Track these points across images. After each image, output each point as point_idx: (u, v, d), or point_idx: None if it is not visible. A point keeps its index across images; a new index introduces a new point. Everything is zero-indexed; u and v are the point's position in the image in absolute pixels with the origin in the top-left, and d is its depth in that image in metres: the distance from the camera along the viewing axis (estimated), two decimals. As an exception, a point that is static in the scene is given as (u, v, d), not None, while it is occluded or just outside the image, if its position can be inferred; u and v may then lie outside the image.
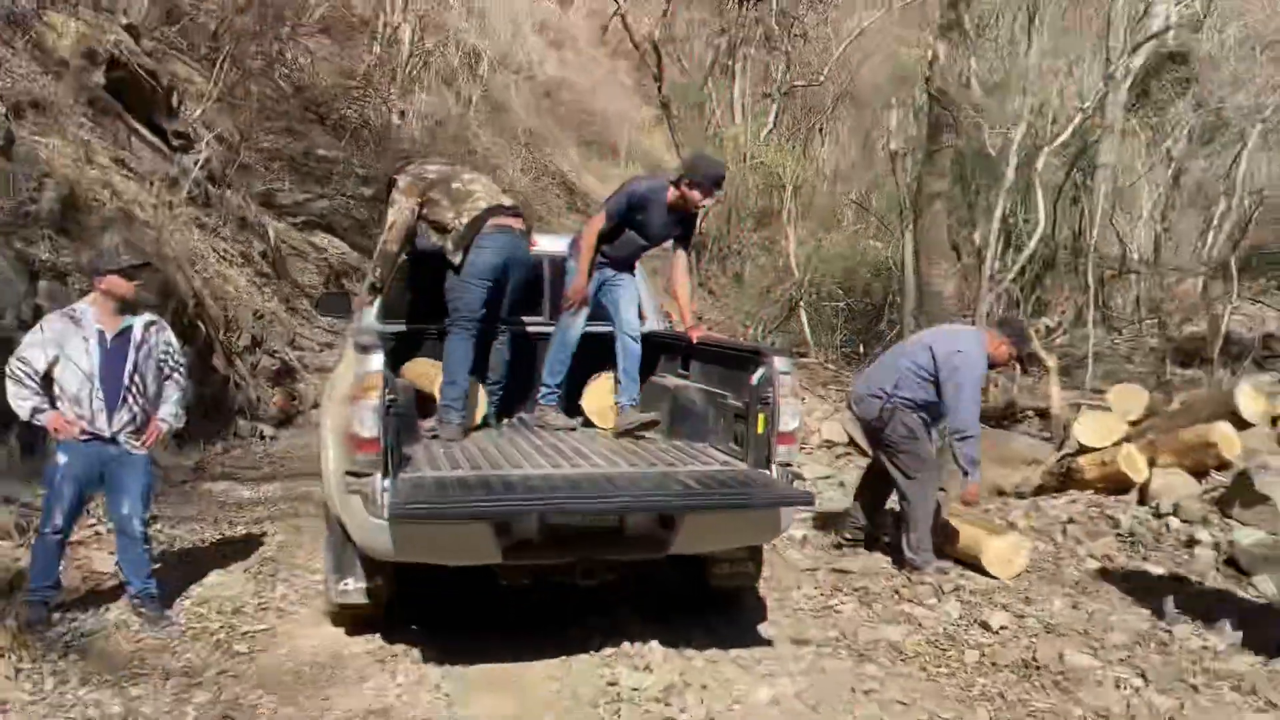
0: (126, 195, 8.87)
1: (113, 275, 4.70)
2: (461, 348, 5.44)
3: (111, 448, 4.76)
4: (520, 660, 4.60)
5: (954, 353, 5.86)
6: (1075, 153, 12.05)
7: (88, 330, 4.69)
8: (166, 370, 4.98)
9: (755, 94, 22.92)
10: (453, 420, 5.33)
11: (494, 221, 5.50)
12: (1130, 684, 4.44)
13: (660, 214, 5.68)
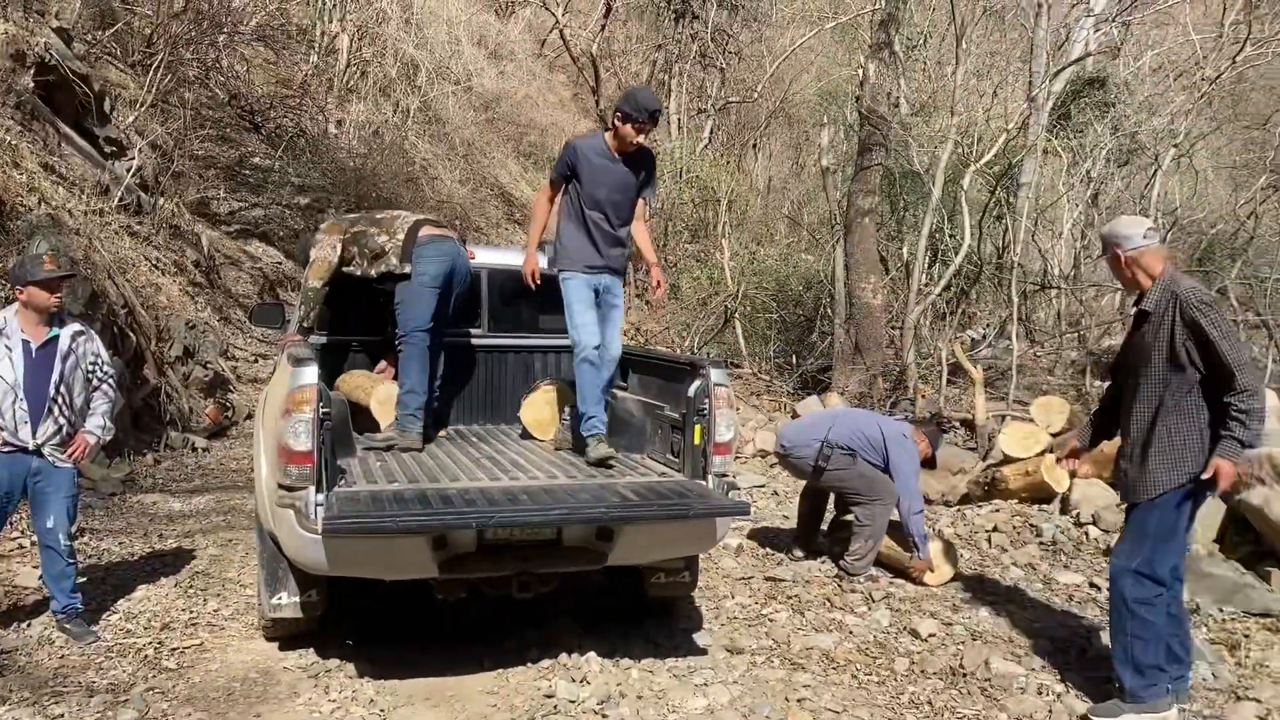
0: (55, 201, 8.68)
1: (33, 286, 4.62)
2: (420, 358, 5.45)
3: (35, 460, 4.67)
4: (456, 673, 4.60)
5: (903, 436, 6.25)
6: (999, 172, 12.40)
7: (11, 339, 4.61)
8: (95, 381, 4.88)
9: (691, 109, 23.14)
10: (412, 430, 5.33)
11: (428, 231, 5.55)
12: (1052, 690, 4.58)
13: (606, 165, 5.29)
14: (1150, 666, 4.22)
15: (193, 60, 15.41)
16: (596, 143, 5.35)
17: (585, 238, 5.36)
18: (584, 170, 5.28)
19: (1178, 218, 13.90)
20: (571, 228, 5.38)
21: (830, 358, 12.98)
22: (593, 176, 5.29)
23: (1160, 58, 16.10)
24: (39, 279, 4.63)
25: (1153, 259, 4.30)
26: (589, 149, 5.31)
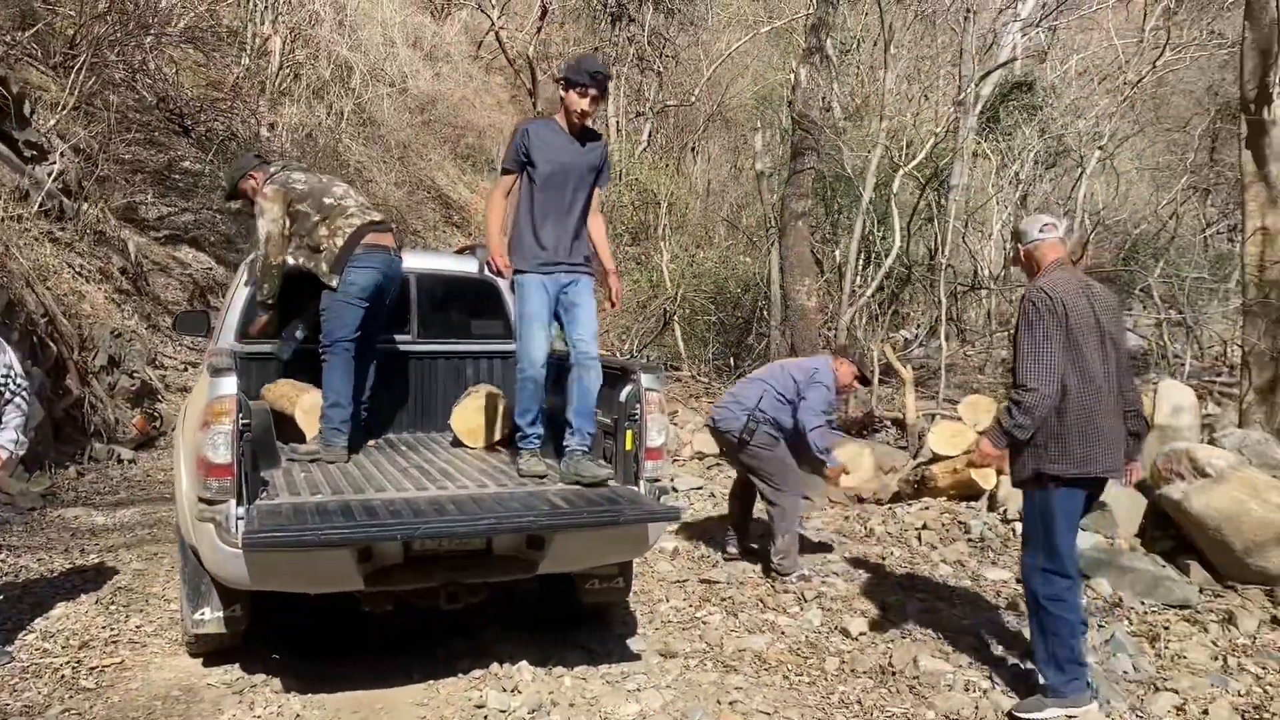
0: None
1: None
2: (343, 369, 5.34)
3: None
4: (385, 686, 4.55)
5: (812, 370, 6.34)
6: (929, 175, 12.61)
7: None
8: (7, 395, 4.71)
9: (629, 112, 23.18)
10: (336, 444, 5.23)
11: (369, 240, 5.42)
12: (979, 686, 4.66)
13: (563, 145, 4.96)
14: (1069, 661, 4.30)
15: (118, 62, 15.06)
16: (548, 122, 5.05)
17: (542, 231, 4.96)
18: (538, 152, 4.91)
19: (1103, 218, 14.25)
20: (525, 221, 4.97)
21: (767, 359, 13.07)
22: (549, 158, 4.91)
23: (1085, 62, 16.50)
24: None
25: (1044, 253, 4.45)
26: (541, 128, 5.01)
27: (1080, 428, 4.18)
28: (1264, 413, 7.40)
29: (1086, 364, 4.20)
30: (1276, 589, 5.70)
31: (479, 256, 6.38)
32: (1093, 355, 4.21)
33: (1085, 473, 4.20)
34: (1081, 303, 4.24)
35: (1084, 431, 4.18)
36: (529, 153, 4.91)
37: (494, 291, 6.36)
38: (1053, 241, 4.47)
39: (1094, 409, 4.19)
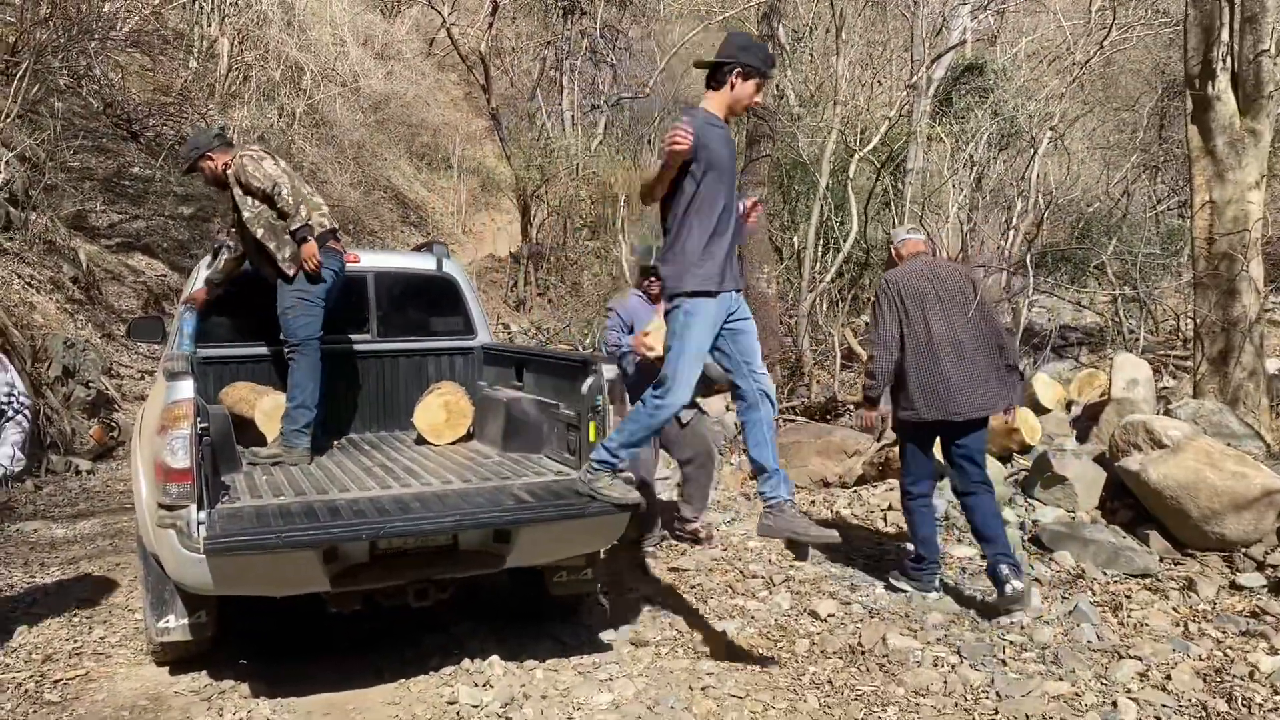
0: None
1: None
2: (311, 369, 5.31)
3: None
4: (355, 686, 4.53)
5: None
6: (885, 159, 12.70)
7: None
8: (9, 413, 4.61)
9: (584, 105, 23.13)
10: (299, 445, 5.19)
11: (331, 244, 5.41)
12: (947, 661, 4.72)
13: (723, 139, 4.32)
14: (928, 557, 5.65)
15: (62, 68, 14.80)
16: (708, 116, 4.30)
17: (716, 244, 4.26)
18: (714, 153, 4.19)
19: (1056, 197, 14.42)
20: (696, 233, 4.24)
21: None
22: (722, 161, 4.23)
23: (1034, 44, 16.67)
24: None
25: (905, 251, 5.68)
26: (708, 123, 4.23)
27: (918, 383, 5.33)
28: (1216, 383, 7.54)
29: (924, 332, 5.30)
30: (1234, 554, 5.81)
31: (436, 253, 6.36)
32: (934, 324, 5.29)
33: (921, 418, 5.36)
34: (921, 285, 5.38)
35: (920, 385, 5.33)
36: (708, 153, 4.17)
37: (453, 288, 6.35)
38: (912, 241, 5.70)
39: (930, 366, 5.29)
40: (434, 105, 27.81)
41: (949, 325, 5.30)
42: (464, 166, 27.19)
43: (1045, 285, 13.79)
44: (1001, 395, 5.38)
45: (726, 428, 9.72)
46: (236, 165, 5.35)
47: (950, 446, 5.45)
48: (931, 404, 5.30)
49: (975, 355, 5.30)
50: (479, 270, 21.18)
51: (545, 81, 23.64)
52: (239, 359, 5.78)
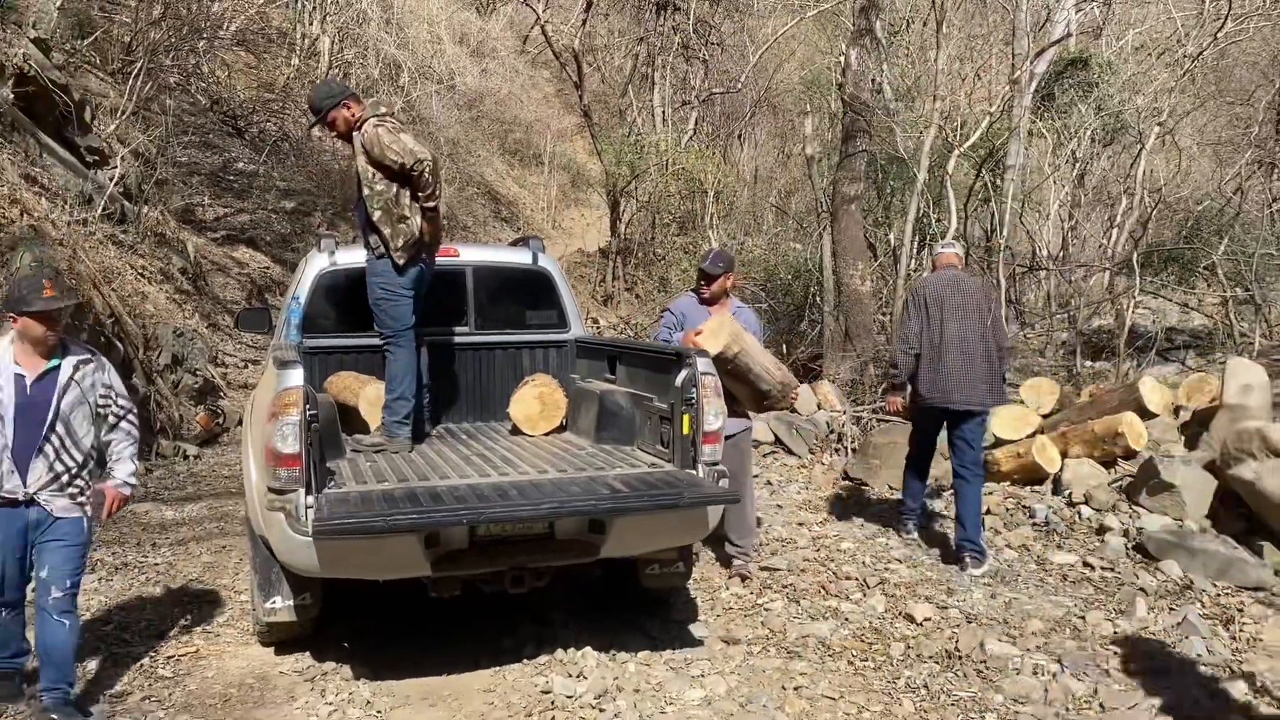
0: (38, 212, 8.64)
1: (29, 317, 3.94)
2: (405, 360, 5.38)
3: (33, 511, 4.02)
4: (453, 672, 4.61)
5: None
6: (984, 155, 12.41)
7: (3, 374, 3.97)
8: (111, 417, 4.23)
9: (675, 101, 23.11)
10: (401, 434, 5.29)
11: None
12: (1047, 670, 4.60)
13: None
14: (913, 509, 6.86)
15: (173, 67, 15.37)
16: None
17: None
18: None
19: (1163, 195, 13.93)
20: None
21: (820, 346, 12.97)
22: None
23: (1142, 36, 16.13)
24: (35, 310, 3.94)
25: (940, 262, 6.71)
26: None
27: (927, 374, 6.24)
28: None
29: (938, 333, 6.19)
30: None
31: (531, 247, 6.42)
32: (948, 327, 6.17)
33: (924, 403, 6.31)
34: (943, 292, 6.28)
35: (929, 376, 6.22)
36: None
37: (548, 282, 6.40)
38: (946, 254, 6.72)
39: (938, 361, 6.18)
40: (527, 102, 28.15)
41: (961, 329, 6.18)
42: (555, 162, 27.44)
43: (1151, 286, 13.32)
44: (991, 397, 6.26)
45: (819, 426, 9.63)
46: (371, 133, 5.09)
47: (950, 430, 6.33)
48: (933, 392, 6.22)
49: (977, 358, 6.16)
50: (568, 265, 21.34)
51: (637, 77, 23.68)
52: (343, 349, 5.91)
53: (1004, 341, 6.46)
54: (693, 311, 6.00)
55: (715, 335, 5.44)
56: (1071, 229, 14.54)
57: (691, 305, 6.08)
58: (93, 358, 4.20)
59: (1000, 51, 14.95)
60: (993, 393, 6.26)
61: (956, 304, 6.23)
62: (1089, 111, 13.28)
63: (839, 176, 11.95)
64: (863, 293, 11.44)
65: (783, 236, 18.94)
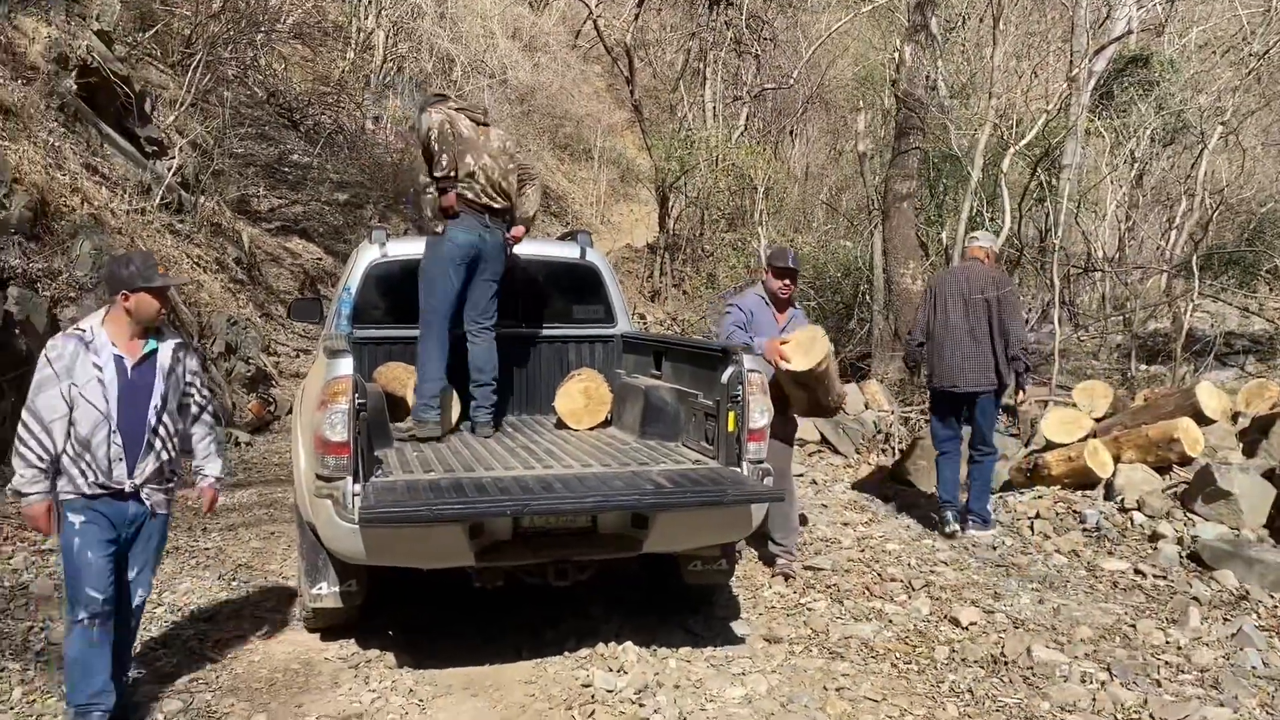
0: (98, 201, 8.82)
1: (146, 293, 3.73)
2: (430, 344, 5.44)
3: (132, 505, 3.79)
4: (494, 663, 4.63)
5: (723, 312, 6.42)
6: (1040, 154, 12.19)
7: (101, 356, 3.69)
8: (194, 407, 4.05)
9: (726, 97, 23.03)
10: (428, 418, 5.35)
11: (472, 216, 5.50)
12: (1096, 678, 4.51)
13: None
14: (949, 496, 6.91)
15: (231, 59, 15.62)
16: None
17: None
18: None
19: (1225, 197, 13.59)
20: None
21: (869, 345, 12.86)
22: None
23: (1206, 33, 15.74)
24: (155, 285, 3.75)
25: (965, 254, 7.28)
26: None
27: (934, 357, 6.81)
28: (1406, 399, 6.98)
29: (944, 321, 6.71)
30: None
31: (579, 241, 6.43)
32: (953, 316, 6.68)
33: (934, 386, 6.90)
34: (955, 284, 6.80)
35: (936, 359, 6.79)
36: None
37: (595, 276, 6.41)
38: (972, 247, 7.11)
39: (944, 347, 6.70)
40: (578, 97, 28.23)
41: (967, 318, 6.67)
42: (604, 157, 27.48)
43: (1210, 289, 13.02)
44: (988, 379, 6.64)
45: (866, 426, 9.55)
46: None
47: (962, 412, 6.84)
48: (941, 376, 6.76)
49: (983, 344, 6.62)
50: (616, 260, 21.37)
51: (688, 73, 23.62)
52: (392, 340, 5.96)
53: (1011, 328, 6.64)
54: (760, 311, 5.92)
55: (808, 351, 5.41)
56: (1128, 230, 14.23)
57: (758, 304, 5.98)
58: (184, 342, 4.02)
59: (1058, 48, 14.70)
60: (993, 376, 6.64)
61: (958, 293, 6.74)
62: (1149, 110, 13.00)
63: (891, 174, 11.82)
64: (913, 292, 11.30)
65: (833, 234, 18.79)
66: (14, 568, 5.29)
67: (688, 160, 19.23)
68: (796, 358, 5.36)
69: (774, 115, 24.25)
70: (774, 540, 5.99)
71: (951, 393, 6.74)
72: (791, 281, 6.02)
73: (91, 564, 3.67)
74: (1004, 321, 6.62)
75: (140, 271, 3.74)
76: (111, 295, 3.76)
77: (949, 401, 6.85)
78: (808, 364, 5.33)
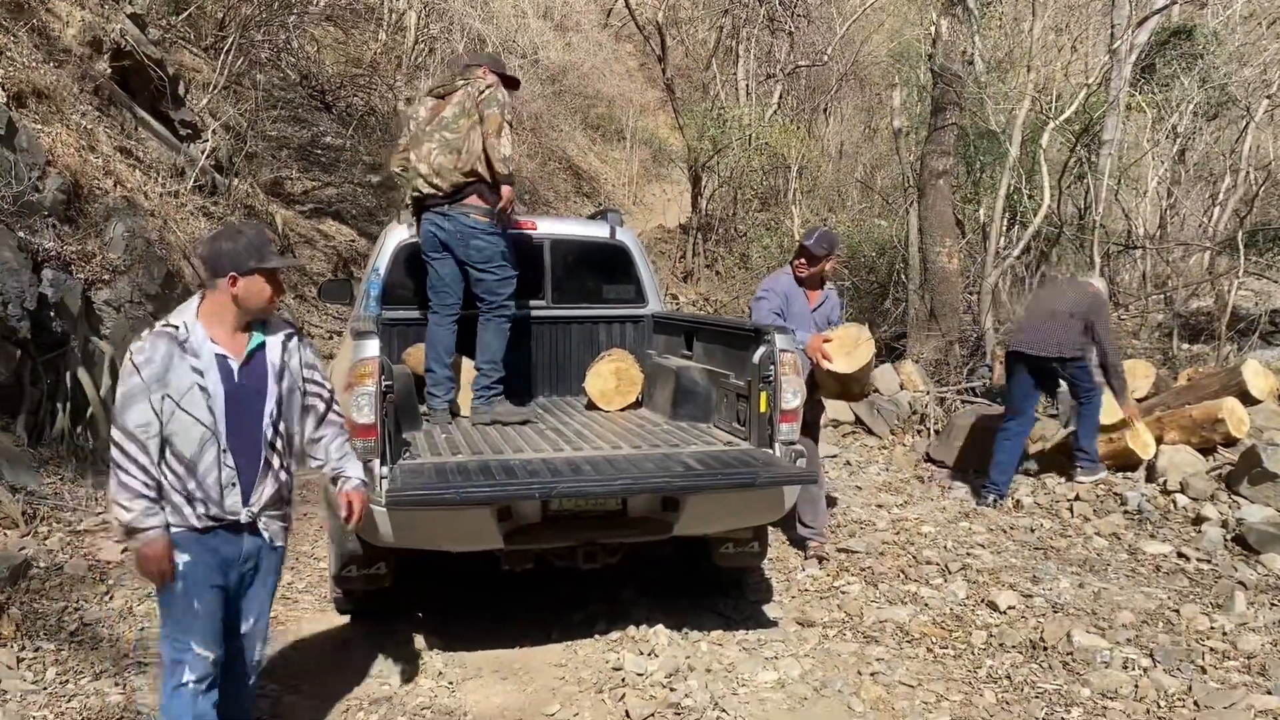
0: (131, 184, 8.85)
1: (258, 275, 3.04)
2: (433, 329, 5.47)
3: (248, 539, 3.11)
4: (524, 646, 4.62)
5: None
6: (1080, 129, 11.94)
7: (201, 358, 2.98)
8: (319, 405, 3.32)
9: (759, 75, 22.78)
10: (435, 404, 5.34)
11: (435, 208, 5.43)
12: (1138, 664, 4.41)
13: None
14: (1002, 473, 6.99)
15: (263, 42, 15.64)
16: None
17: None
18: None
19: (1271, 172, 13.24)
20: None
21: (905, 325, 12.69)
22: None
23: (1251, 5, 15.33)
24: (271, 266, 3.06)
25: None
26: None
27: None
28: None
29: None
30: None
31: (609, 221, 6.35)
32: None
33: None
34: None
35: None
36: None
37: (625, 256, 6.33)
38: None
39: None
40: (609, 76, 28.08)
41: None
42: (636, 137, 27.32)
43: (1255, 266, 12.71)
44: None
45: (900, 407, 9.43)
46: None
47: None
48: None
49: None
50: (648, 241, 21.27)
51: (721, 51, 23.39)
52: (421, 322, 5.92)
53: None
54: (794, 294, 5.72)
55: (850, 354, 5.28)
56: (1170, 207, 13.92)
57: (791, 286, 5.73)
58: (294, 328, 3.29)
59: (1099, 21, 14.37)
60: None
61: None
62: (1192, 84, 12.67)
63: (927, 150, 11.62)
64: (950, 270, 11.13)
65: (868, 213, 18.57)
66: (49, 548, 5.31)
67: (720, 139, 19.03)
68: (839, 359, 5.27)
69: (808, 93, 23.94)
70: (802, 523, 5.92)
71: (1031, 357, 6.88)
72: (808, 261, 5.70)
73: (199, 615, 3.00)
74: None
75: (254, 248, 3.02)
76: (213, 278, 3.02)
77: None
78: (850, 367, 5.27)
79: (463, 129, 5.31)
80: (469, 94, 5.35)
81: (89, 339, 6.97)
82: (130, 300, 7.51)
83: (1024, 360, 6.86)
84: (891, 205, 17.09)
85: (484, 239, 5.34)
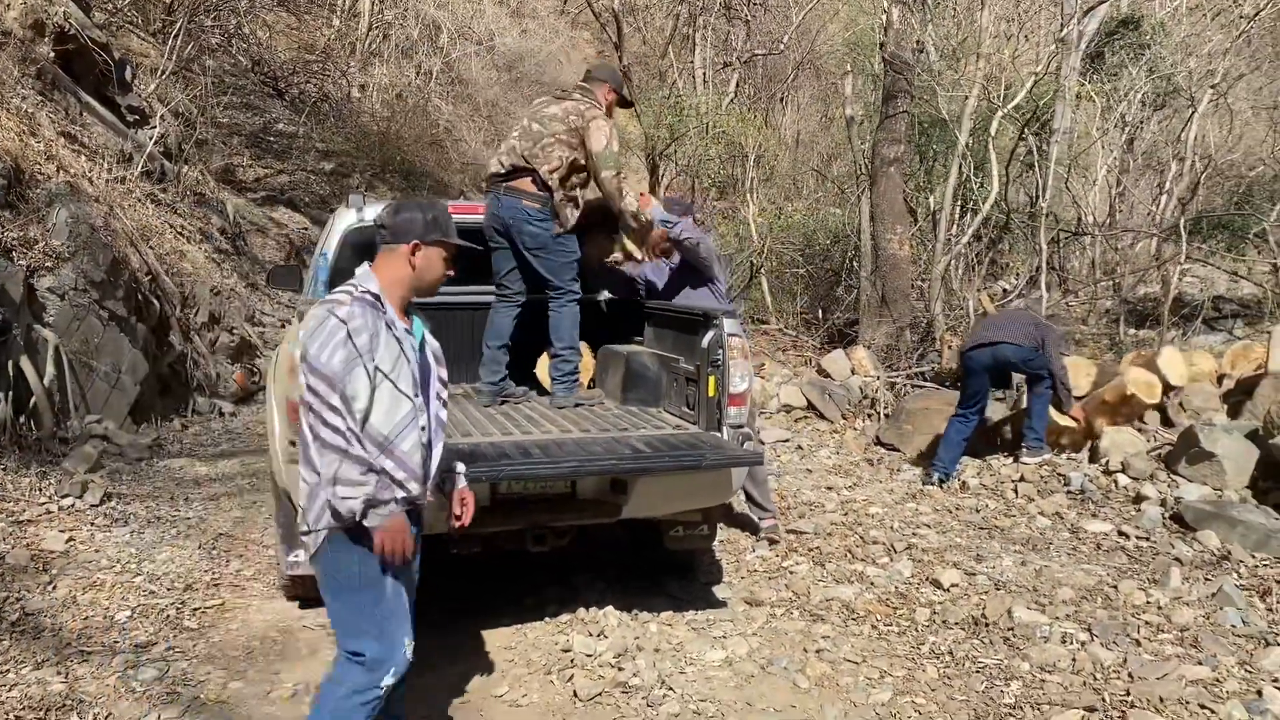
0: (75, 170, 8.71)
1: (440, 247, 2.98)
2: (490, 313, 5.55)
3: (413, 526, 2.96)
4: (474, 630, 4.63)
5: None
6: (1029, 117, 12.10)
7: (397, 327, 2.88)
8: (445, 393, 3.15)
9: (716, 63, 22.80)
10: (481, 384, 5.42)
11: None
12: (1076, 639, 4.51)
13: None
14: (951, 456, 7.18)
15: (214, 27, 15.46)
16: None
17: None
18: None
19: (1214, 161, 13.51)
20: None
21: (857, 311, 12.82)
22: None
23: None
24: (454, 241, 3.01)
25: None
26: None
27: None
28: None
29: None
30: (1402, 543, 5.39)
31: None
32: None
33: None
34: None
35: None
36: None
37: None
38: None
39: None
40: (566, 63, 27.92)
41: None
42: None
43: (1199, 253, 12.98)
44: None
45: (852, 391, 9.53)
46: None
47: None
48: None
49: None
50: (606, 229, 21.21)
51: (678, 38, 23.38)
52: None
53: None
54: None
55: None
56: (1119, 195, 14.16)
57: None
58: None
59: (1049, 11, 14.56)
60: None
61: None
62: (1140, 74, 12.88)
63: (879, 138, 11.72)
64: (900, 257, 11.25)
65: (823, 201, 18.68)
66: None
67: (678, 127, 19.02)
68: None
69: (764, 81, 24.01)
70: (755, 504, 5.99)
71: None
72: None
73: (400, 608, 2.91)
74: None
75: (438, 223, 2.95)
76: (395, 243, 2.94)
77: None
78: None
79: (554, 133, 5.26)
80: (579, 111, 5.32)
81: (31, 326, 6.87)
82: (75, 288, 7.41)
83: (985, 352, 7.03)
84: (846, 194, 17.22)
85: (536, 225, 5.28)
